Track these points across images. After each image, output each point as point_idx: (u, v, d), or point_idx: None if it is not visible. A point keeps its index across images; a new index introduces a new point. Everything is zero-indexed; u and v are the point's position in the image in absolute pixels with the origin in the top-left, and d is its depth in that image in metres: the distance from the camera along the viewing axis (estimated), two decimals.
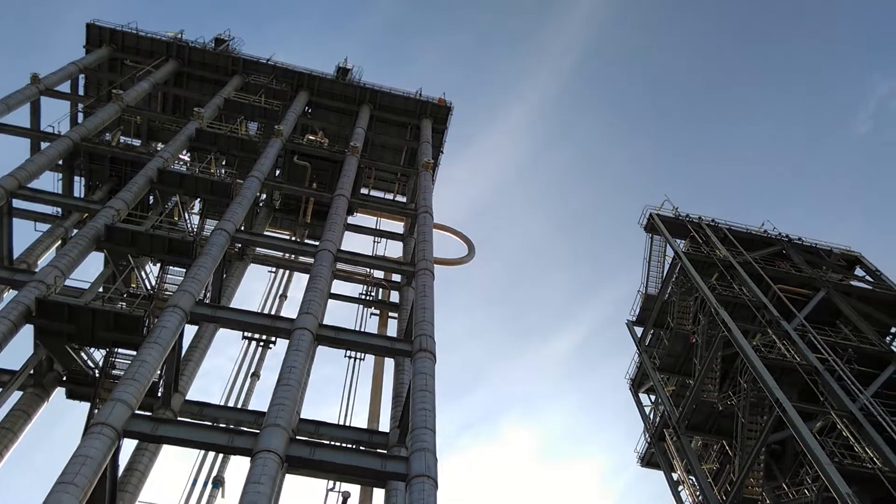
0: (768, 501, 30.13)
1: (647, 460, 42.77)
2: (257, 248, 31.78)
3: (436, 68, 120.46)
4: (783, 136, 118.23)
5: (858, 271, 43.56)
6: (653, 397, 44.26)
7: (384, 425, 24.55)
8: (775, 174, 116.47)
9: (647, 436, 42.50)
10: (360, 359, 27.06)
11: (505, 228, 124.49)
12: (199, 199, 31.85)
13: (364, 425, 24.96)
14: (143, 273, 27.94)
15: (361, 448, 21.70)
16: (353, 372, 26.56)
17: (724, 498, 30.94)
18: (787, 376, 30.76)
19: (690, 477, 35.33)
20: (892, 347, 35.44)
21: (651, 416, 43.64)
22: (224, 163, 32.93)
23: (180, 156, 31.23)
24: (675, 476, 38.62)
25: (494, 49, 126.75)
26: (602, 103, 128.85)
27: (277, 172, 34.39)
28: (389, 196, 42.06)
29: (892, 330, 38.53)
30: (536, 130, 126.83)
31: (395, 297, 32.47)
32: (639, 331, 45.78)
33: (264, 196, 34.89)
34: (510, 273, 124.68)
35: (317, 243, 26.77)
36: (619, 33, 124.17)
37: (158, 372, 20.26)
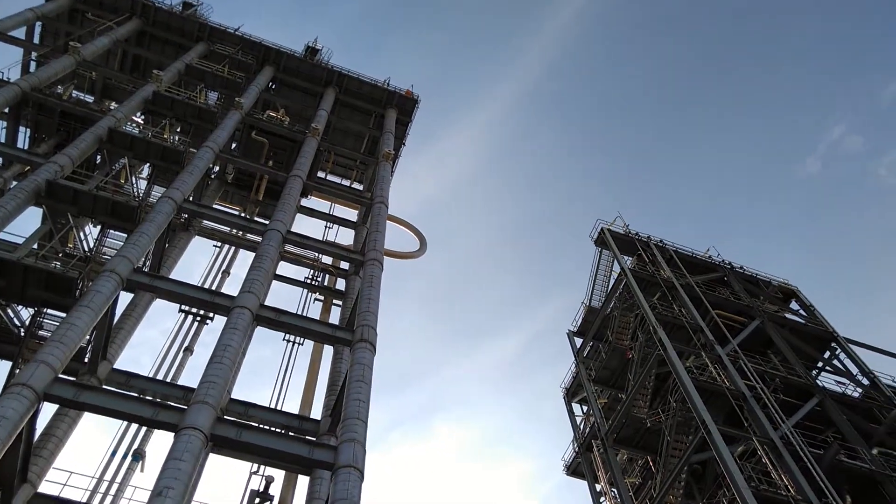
0: None
1: (573, 469, 43.47)
2: (204, 221, 31.06)
3: (407, 63, 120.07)
4: (737, 167, 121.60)
5: (794, 304, 45.03)
6: (585, 408, 44.98)
7: (316, 413, 24.32)
8: (726, 203, 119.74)
9: (575, 445, 43.17)
10: (299, 344, 26.71)
11: (458, 228, 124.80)
12: (148, 165, 30.90)
13: (296, 411, 24.64)
14: (81, 234, 26.97)
15: (290, 434, 21.41)
16: (290, 356, 26.24)
17: None
18: (715, 399, 31.60)
19: (613, 489, 36.03)
20: (817, 381, 36.72)
21: (581, 427, 44.34)
22: (179, 130, 32.04)
23: (134, 118, 30.30)
24: (598, 487, 39.35)
25: (469, 50, 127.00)
26: (565, 114, 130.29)
27: (233, 146, 33.65)
28: (346, 182, 41.63)
29: (819, 364, 39.97)
30: (499, 134, 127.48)
31: (341, 284, 32.17)
32: (578, 342, 46.46)
33: (217, 168, 34.13)
34: (459, 273, 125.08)
35: (266, 222, 26.30)
36: (589, 48, 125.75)
37: (87, 337, 19.61)
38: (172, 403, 19.11)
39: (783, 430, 29.79)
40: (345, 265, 32.35)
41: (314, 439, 21.42)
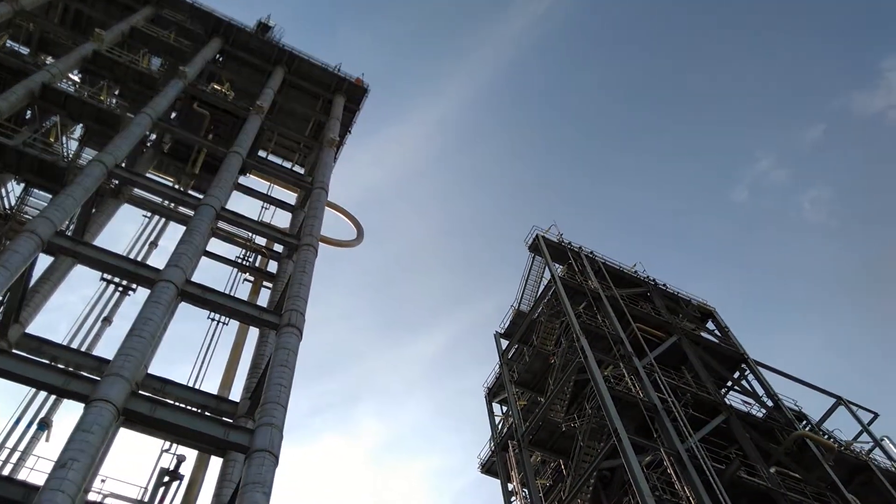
0: None
1: (488, 468, 44.17)
2: (135, 189, 30.11)
3: (361, 51, 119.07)
4: (675, 187, 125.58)
5: (710, 325, 46.93)
6: (505, 408, 45.75)
7: (235, 395, 23.96)
8: (656, 221, 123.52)
9: (492, 444, 43.85)
10: (224, 323, 26.22)
11: (397, 221, 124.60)
12: (81, 126, 29.76)
13: (215, 391, 24.22)
14: (3, 190, 25.79)
15: (206, 414, 21.03)
16: (213, 335, 25.74)
17: None
18: (629, 409, 32.65)
19: (524, 489, 36.78)
20: (726, 399, 38.38)
21: (500, 427, 45.08)
22: (117, 93, 30.95)
23: (70, 75, 29.07)
24: (510, 486, 40.10)
25: (425, 45, 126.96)
26: (514, 117, 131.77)
27: (173, 115, 32.70)
28: (287, 165, 41.04)
29: (728, 383, 41.78)
30: (447, 131, 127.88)
31: (273, 267, 31.73)
32: (505, 343, 47.21)
33: (154, 136, 33.09)
34: (394, 265, 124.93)
35: (201, 196, 25.71)
36: (545, 54, 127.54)
37: (0, 298, 18.82)
38: (85, 374, 18.54)
39: (690, 444, 31.03)
40: (278, 248, 31.91)
41: (231, 421, 21.11)
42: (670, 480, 29.32)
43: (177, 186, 33.43)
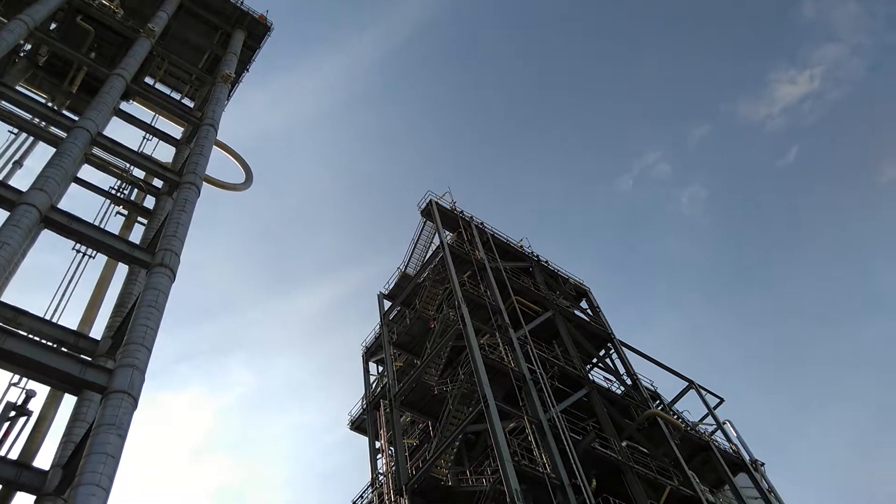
0: (450, 482, 32.88)
1: (357, 425, 44.59)
2: (2, 102, 27.50)
3: None
4: (562, 172, 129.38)
5: (584, 304, 49.10)
6: (381, 369, 46.12)
7: (97, 333, 22.68)
8: (547, 200, 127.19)
9: (364, 403, 44.19)
10: (91, 257, 24.64)
11: (290, 171, 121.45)
12: None
13: (75, 327, 22.83)
14: None
15: (63, 350, 19.83)
16: (78, 268, 24.15)
17: (415, 472, 33.20)
18: (499, 377, 33.74)
19: (391, 447, 37.41)
20: (590, 375, 40.42)
21: (374, 386, 45.45)
22: None
23: None
24: (378, 444, 40.67)
25: None
26: (424, 81, 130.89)
27: (53, 26, 30.02)
28: (176, 96, 38.74)
29: (594, 360, 44.00)
30: (352, 85, 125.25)
31: (150, 202, 30.04)
32: (388, 304, 47.40)
33: (29, 47, 30.24)
34: (282, 216, 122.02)
35: (76, 118, 23.89)
36: (459, 24, 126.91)
37: None
38: None
39: (552, 414, 32.51)
40: (158, 183, 30.17)
41: (89, 359, 20.02)
42: (530, 447, 30.68)
43: (51, 105, 30.83)
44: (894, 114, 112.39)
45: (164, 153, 32.59)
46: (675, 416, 41.58)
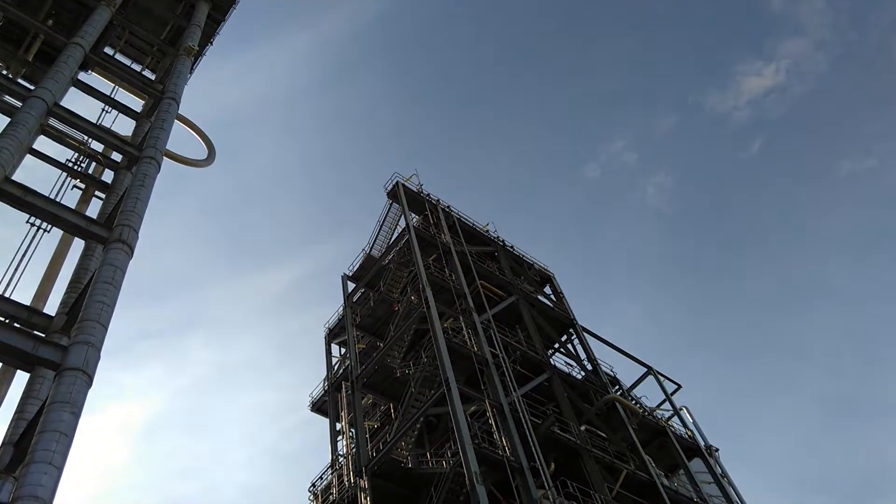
0: (410, 464, 32.99)
1: (318, 407, 44.39)
2: None
3: None
4: (529, 157, 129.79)
5: (548, 289, 49.46)
6: (344, 350, 45.94)
7: (51, 309, 22.10)
8: (513, 185, 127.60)
9: (325, 384, 44.01)
10: (46, 231, 23.93)
11: (253, 148, 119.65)
12: None
13: (28, 302, 22.20)
14: None
15: (15, 325, 19.28)
16: (32, 241, 23.44)
17: (375, 454, 33.23)
18: (462, 361, 33.85)
19: (352, 429, 37.36)
20: (551, 359, 40.82)
21: (336, 368, 45.27)
22: None
23: None
24: (338, 426, 40.61)
25: None
26: (395, 61, 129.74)
27: None
28: (137, 68, 37.66)
29: (556, 345, 44.42)
30: (317, 65, 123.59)
31: (108, 176, 29.25)
32: (351, 286, 47.15)
33: None
34: (244, 194, 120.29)
35: (32, 88, 23.10)
36: (429, 4, 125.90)
37: None
38: None
39: (513, 398, 32.77)
40: (117, 157, 29.37)
41: (43, 336, 19.51)
42: (490, 430, 30.90)
43: (5, 73, 29.78)
44: (854, 110, 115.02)
45: (124, 126, 31.73)
46: (634, 402, 42.26)
